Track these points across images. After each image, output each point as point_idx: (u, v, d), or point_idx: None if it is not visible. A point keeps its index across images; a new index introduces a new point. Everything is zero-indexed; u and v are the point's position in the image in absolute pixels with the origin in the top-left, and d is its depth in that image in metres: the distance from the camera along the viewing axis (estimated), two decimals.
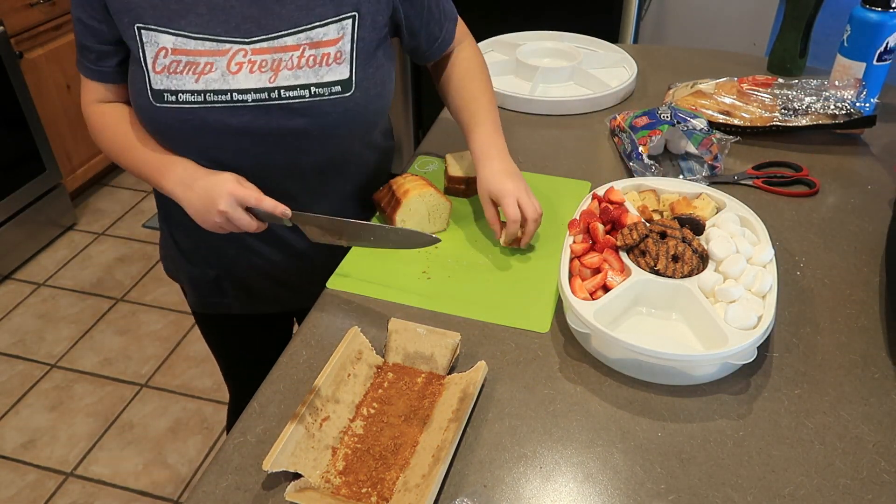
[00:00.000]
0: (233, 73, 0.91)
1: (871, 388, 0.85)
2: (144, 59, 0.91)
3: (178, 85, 0.91)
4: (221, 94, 0.92)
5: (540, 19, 1.87)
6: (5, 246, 2.53)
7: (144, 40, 0.91)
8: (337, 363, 0.84)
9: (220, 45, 0.91)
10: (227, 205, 0.91)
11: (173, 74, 0.91)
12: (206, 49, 0.91)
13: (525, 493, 0.74)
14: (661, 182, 1.08)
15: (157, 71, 0.91)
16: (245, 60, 0.91)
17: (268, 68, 0.92)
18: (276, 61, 0.92)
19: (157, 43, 0.91)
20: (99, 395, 2.13)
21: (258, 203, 0.93)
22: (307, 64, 0.93)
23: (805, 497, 0.73)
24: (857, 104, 1.30)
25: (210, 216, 0.93)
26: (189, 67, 0.91)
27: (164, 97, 0.92)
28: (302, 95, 0.93)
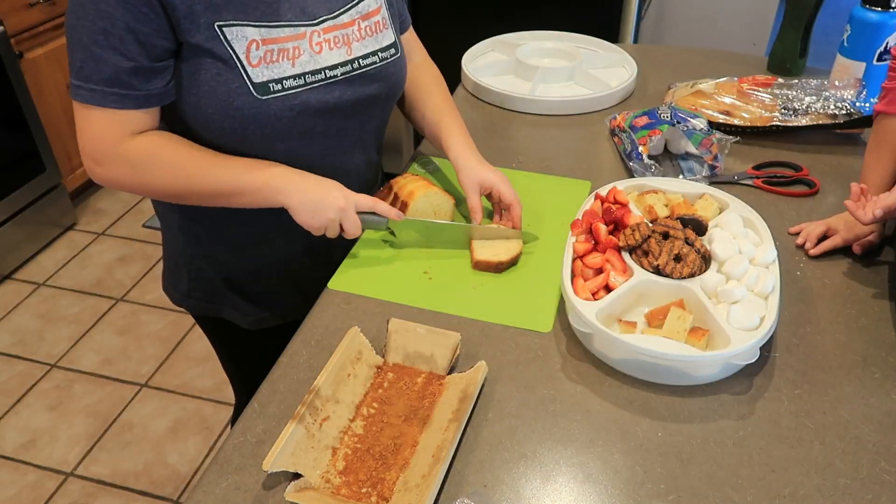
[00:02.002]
0: (317, 52, 0.94)
1: (871, 388, 0.85)
2: (237, 55, 0.88)
3: (279, 73, 0.91)
4: (317, 74, 0.94)
5: (540, 19, 1.87)
6: (5, 246, 2.53)
7: (230, 37, 0.87)
8: (337, 363, 0.84)
9: (296, 30, 0.92)
10: (347, 203, 0.93)
11: (272, 63, 0.90)
12: (287, 35, 0.91)
13: (525, 493, 0.74)
14: (662, 182, 1.08)
15: (253, 64, 0.89)
16: (322, 40, 0.94)
17: (341, 43, 0.96)
18: (345, 36, 0.97)
19: (245, 37, 0.88)
20: (99, 395, 2.13)
21: (374, 206, 0.96)
22: (367, 34, 0.99)
23: (805, 497, 0.73)
24: (857, 104, 1.30)
25: (323, 213, 0.93)
26: (282, 54, 0.91)
27: (270, 88, 0.90)
28: (374, 62, 1.00)
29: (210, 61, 0.88)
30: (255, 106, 0.90)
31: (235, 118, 0.90)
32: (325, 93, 0.95)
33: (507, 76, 1.61)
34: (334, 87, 0.96)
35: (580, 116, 1.46)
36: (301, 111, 0.93)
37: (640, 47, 1.82)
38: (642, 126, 1.27)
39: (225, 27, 0.87)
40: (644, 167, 1.22)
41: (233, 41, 0.88)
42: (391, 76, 1.03)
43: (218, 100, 0.89)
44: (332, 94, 0.96)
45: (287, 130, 0.94)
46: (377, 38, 1.01)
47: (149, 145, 0.90)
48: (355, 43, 0.98)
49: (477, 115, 1.48)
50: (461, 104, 1.52)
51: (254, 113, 0.90)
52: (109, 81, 0.85)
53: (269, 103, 0.90)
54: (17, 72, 2.40)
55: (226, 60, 0.88)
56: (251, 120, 0.91)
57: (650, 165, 1.22)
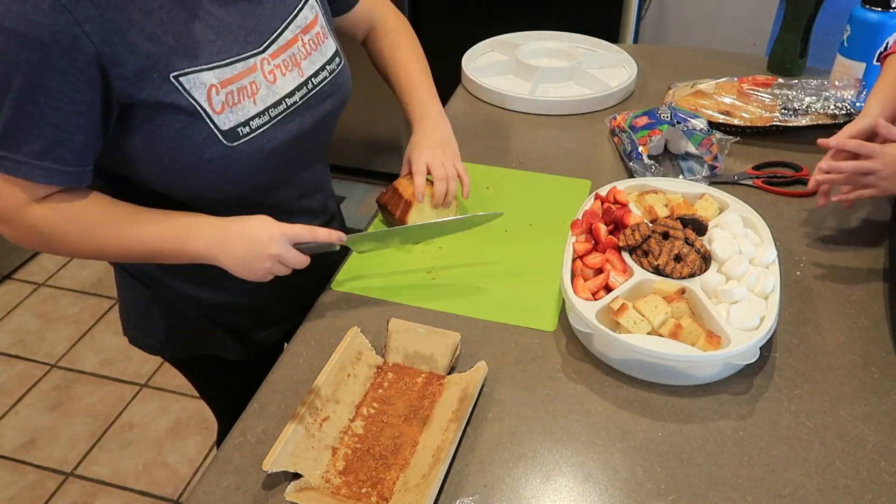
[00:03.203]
0: (271, 82, 0.89)
1: (871, 388, 0.85)
2: (199, 105, 0.81)
3: (244, 114, 0.85)
4: (278, 106, 0.89)
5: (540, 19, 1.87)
6: (5, 246, 2.53)
7: (188, 87, 0.80)
8: (337, 363, 0.84)
9: (247, 63, 0.86)
10: (280, 246, 0.87)
11: (235, 106, 0.85)
12: (240, 71, 0.85)
13: (525, 493, 0.74)
14: (662, 182, 1.08)
15: (217, 111, 0.83)
16: (272, 67, 0.89)
17: (291, 65, 0.91)
18: (293, 57, 0.92)
19: (203, 83, 0.82)
20: (99, 395, 2.13)
21: (313, 235, 0.89)
22: (311, 48, 0.95)
23: (805, 497, 0.73)
24: (857, 104, 1.30)
25: (259, 263, 0.87)
26: (241, 94, 0.85)
27: (238, 132, 0.85)
28: (325, 77, 0.96)
29: (170, 116, 0.81)
30: (226, 154, 0.85)
31: (207, 169, 0.85)
32: (288, 122, 0.91)
33: (507, 76, 1.61)
34: (295, 114, 0.92)
35: (580, 116, 1.46)
36: (270, 150, 0.89)
37: (640, 47, 1.82)
38: (642, 126, 1.27)
39: (181, 77, 0.80)
40: (644, 167, 1.22)
41: (192, 90, 0.81)
42: (342, 86, 1.00)
43: (185, 154, 0.83)
44: (293, 122, 0.92)
45: (257, 170, 0.89)
46: (321, 50, 0.96)
47: (54, 213, 0.82)
48: (303, 62, 0.93)
49: (477, 115, 1.48)
50: (461, 104, 1.52)
51: (225, 161, 0.85)
52: (40, 155, 0.77)
53: (240, 149, 0.85)
54: None
55: (189, 112, 0.81)
56: (223, 168, 0.86)
57: (650, 165, 1.22)
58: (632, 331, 0.85)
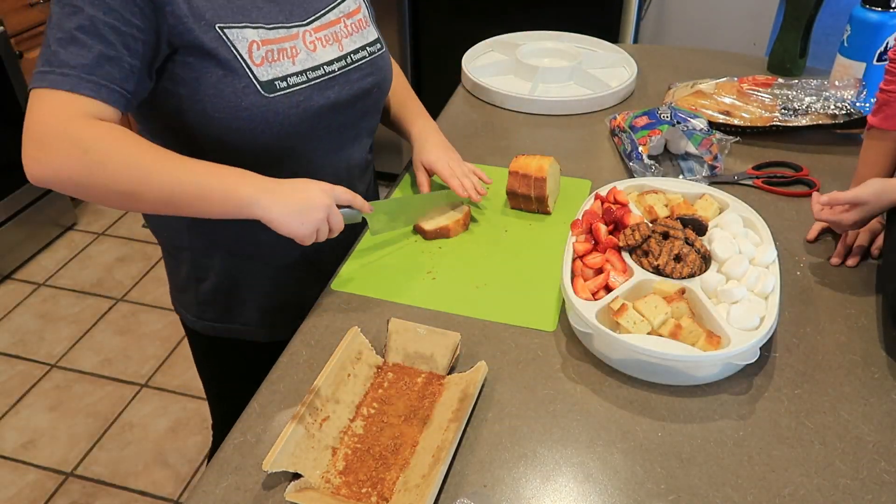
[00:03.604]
0: (311, 51, 0.95)
1: (871, 388, 0.85)
2: (240, 55, 0.88)
3: (283, 71, 0.91)
4: (317, 70, 0.95)
5: (540, 19, 1.87)
6: (5, 246, 2.53)
7: (231, 38, 0.87)
8: (337, 363, 0.84)
9: (290, 31, 0.93)
10: (331, 199, 0.90)
11: (274, 62, 0.91)
12: (282, 36, 0.92)
13: (525, 493, 0.74)
14: (662, 182, 1.08)
15: (257, 63, 0.89)
16: (314, 38, 0.96)
17: (332, 40, 0.98)
18: (334, 34, 0.99)
19: (246, 38, 0.88)
20: (99, 395, 2.13)
21: (353, 199, 0.95)
22: (353, 30, 1.02)
23: (805, 497, 0.73)
24: (857, 104, 1.30)
25: (311, 214, 0.87)
26: (282, 53, 0.92)
27: (276, 85, 0.91)
28: (364, 56, 1.02)
29: (213, 64, 0.87)
30: (263, 104, 0.89)
31: (244, 118, 0.89)
32: (326, 88, 0.96)
33: (507, 76, 1.61)
34: (333, 82, 0.97)
35: (580, 116, 1.46)
36: (306, 108, 0.94)
37: (640, 47, 1.82)
38: (642, 126, 1.27)
39: (226, 29, 0.87)
40: (644, 167, 1.22)
41: (235, 42, 0.88)
42: (381, 69, 1.06)
43: (225, 102, 0.88)
44: (331, 89, 0.97)
45: (293, 129, 0.94)
46: (363, 34, 1.04)
47: (104, 130, 0.79)
48: (345, 39, 1.00)
49: (477, 114, 1.48)
50: (461, 104, 1.52)
51: (262, 112, 0.90)
52: (89, 68, 0.78)
53: (277, 101, 0.90)
54: (17, 72, 2.40)
55: (230, 62, 0.87)
56: (260, 119, 0.90)
57: (650, 165, 1.22)
58: (632, 331, 0.85)
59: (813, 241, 1.09)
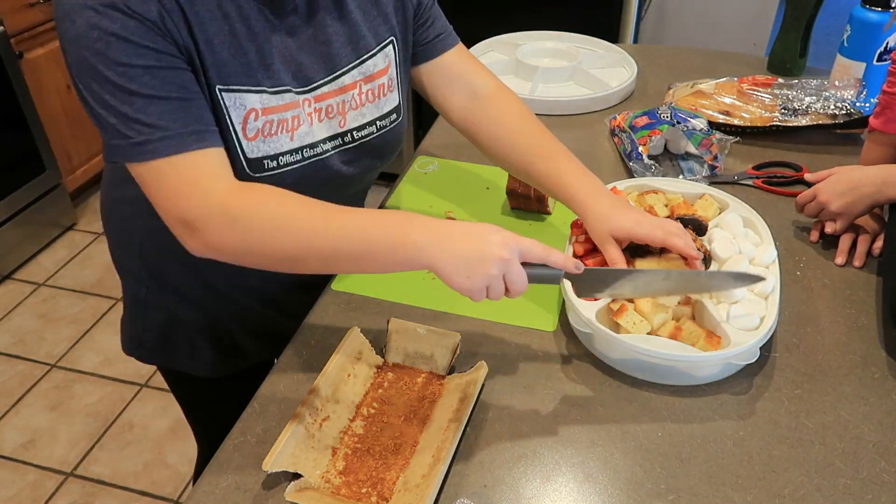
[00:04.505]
0: (310, 124, 0.84)
1: (871, 388, 0.85)
2: (233, 126, 0.78)
3: (277, 147, 0.81)
4: (314, 147, 0.84)
5: (540, 19, 1.87)
6: (5, 246, 2.52)
7: (228, 104, 0.77)
8: (337, 363, 0.84)
9: (296, 97, 0.82)
10: (511, 253, 0.73)
11: (269, 137, 0.80)
12: (286, 103, 0.81)
13: (525, 493, 0.74)
14: (662, 182, 1.08)
15: (249, 137, 0.79)
16: (312, 110, 0.84)
17: (335, 113, 0.86)
18: (340, 104, 0.86)
19: (244, 105, 0.78)
20: (99, 395, 2.13)
21: (547, 254, 0.76)
22: (368, 100, 0.88)
23: (805, 497, 0.73)
24: (857, 104, 1.30)
25: (484, 267, 0.72)
26: (281, 126, 0.81)
27: (265, 165, 0.80)
28: (371, 133, 0.90)
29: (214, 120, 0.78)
30: (246, 179, 0.80)
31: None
32: (320, 168, 0.86)
33: (507, 76, 1.61)
34: (327, 161, 0.87)
35: (580, 116, 1.46)
36: (290, 185, 0.79)
37: (640, 47, 1.82)
38: (642, 126, 1.27)
39: (225, 91, 0.77)
40: (644, 167, 1.22)
41: (230, 109, 0.78)
42: (387, 144, 0.93)
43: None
44: (326, 168, 0.87)
45: None
46: (378, 104, 0.90)
47: (245, 197, 0.74)
48: (351, 112, 0.87)
49: None
50: None
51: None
52: (183, 121, 0.72)
53: (262, 181, 0.80)
54: (17, 72, 2.40)
55: (223, 127, 0.78)
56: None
57: (650, 165, 1.22)
58: (631, 331, 0.85)
59: (816, 241, 1.09)
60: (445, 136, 1.38)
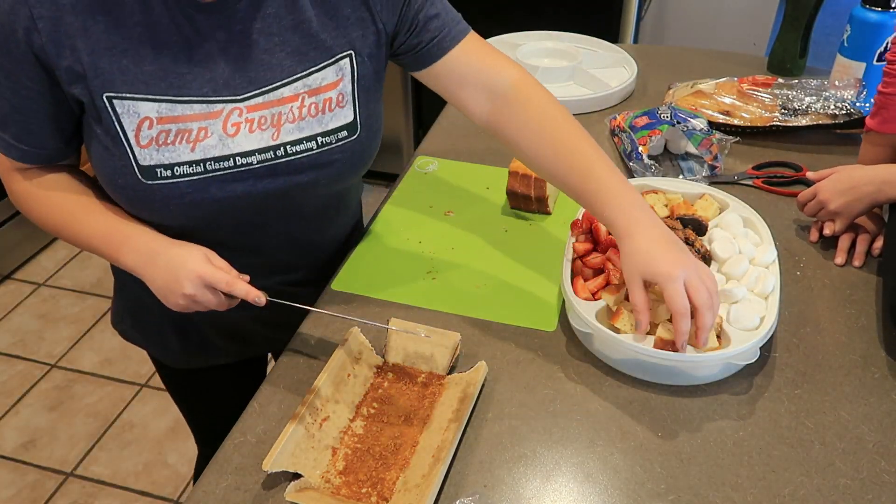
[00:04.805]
0: (231, 135, 0.81)
1: (871, 388, 0.85)
2: (124, 133, 0.78)
3: (173, 157, 0.79)
4: (223, 161, 0.81)
5: (540, 19, 1.87)
6: (5, 246, 2.53)
7: (119, 111, 0.77)
8: (337, 363, 0.84)
9: (211, 107, 0.79)
10: (194, 287, 0.79)
11: (165, 146, 0.79)
12: (196, 113, 0.79)
13: (525, 493, 0.74)
14: (662, 182, 1.08)
15: (142, 145, 0.78)
16: (242, 120, 0.81)
17: (268, 125, 0.82)
18: (276, 115, 0.82)
19: (138, 113, 0.77)
20: (99, 395, 2.13)
21: (229, 288, 0.80)
22: (309, 113, 0.84)
23: (805, 497, 0.73)
24: (857, 104, 1.30)
25: (173, 297, 0.81)
26: (181, 136, 0.79)
27: (158, 173, 0.79)
28: (309, 148, 0.84)
29: (100, 130, 0.79)
30: (141, 189, 0.80)
31: (121, 196, 0.82)
32: (232, 182, 0.83)
33: None
34: (246, 176, 0.83)
35: (580, 116, 1.45)
36: (195, 200, 0.82)
37: (640, 47, 1.82)
38: (642, 126, 1.27)
39: (116, 99, 0.77)
40: (644, 167, 1.22)
41: (122, 116, 0.77)
42: (334, 163, 0.87)
43: (104, 173, 0.82)
44: (242, 183, 0.83)
45: (181, 216, 0.84)
46: (321, 119, 0.84)
47: (26, 184, 0.86)
48: (287, 125, 0.83)
49: None
50: None
51: (140, 195, 0.81)
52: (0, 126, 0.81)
53: (155, 189, 0.80)
54: None
55: (112, 135, 0.78)
56: (137, 201, 0.82)
57: (650, 165, 1.22)
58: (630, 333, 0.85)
59: (816, 241, 1.09)
60: (445, 136, 1.38)
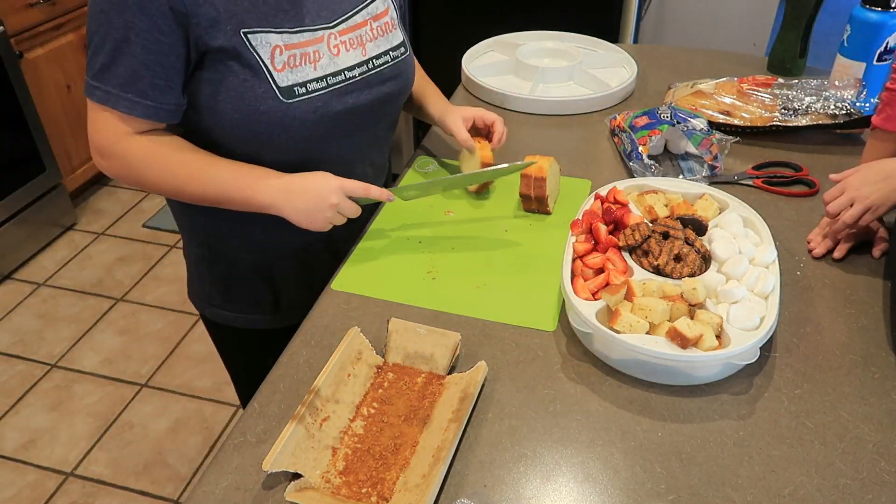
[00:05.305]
0: (335, 55, 0.96)
1: (871, 388, 0.85)
2: (262, 61, 0.90)
3: (303, 76, 0.93)
4: (338, 76, 0.97)
5: (540, 19, 1.87)
6: (5, 246, 2.53)
7: (254, 44, 0.90)
8: (337, 363, 0.84)
9: (315, 34, 0.94)
10: (338, 197, 0.95)
11: (295, 68, 0.93)
12: (307, 40, 0.94)
13: (525, 493, 0.74)
14: (662, 182, 1.08)
15: (278, 69, 0.91)
16: (338, 42, 0.97)
17: (356, 44, 0.99)
18: (359, 37, 0.99)
19: (269, 43, 0.90)
20: (99, 395, 2.13)
21: (366, 192, 0.98)
22: (378, 34, 1.02)
23: (805, 497, 0.73)
24: (857, 104, 1.30)
25: (320, 213, 0.95)
26: (304, 58, 0.93)
27: (295, 91, 0.93)
28: (386, 61, 1.03)
29: (237, 67, 0.90)
30: (281, 110, 0.92)
31: (262, 122, 0.92)
32: (345, 94, 0.98)
33: (507, 76, 1.61)
34: (353, 88, 0.99)
35: (580, 116, 1.46)
36: (324, 114, 0.96)
37: (640, 47, 1.82)
38: (642, 126, 1.27)
39: (250, 34, 0.89)
40: (644, 167, 1.22)
41: (258, 47, 0.90)
42: (402, 73, 1.06)
43: (245, 104, 0.91)
44: (352, 95, 0.99)
45: (310, 133, 0.96)
46: (388, 37, 1.04)
47: (145, 147, 0.92)
48: (368, 44, 1.01)
49: None
50: (461, 104, 1.51)
51: (280, 116, 0.92)
52: (124, 86, 0.88)
53: (294, 107, 0.93)
54: (17, 72, 2.40)
55: (252, 66, 0.90)
56: (277, 124, 0.93)
57: (650, 165, 1.22)
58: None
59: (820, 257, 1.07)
60: (445, 136, 1.38)
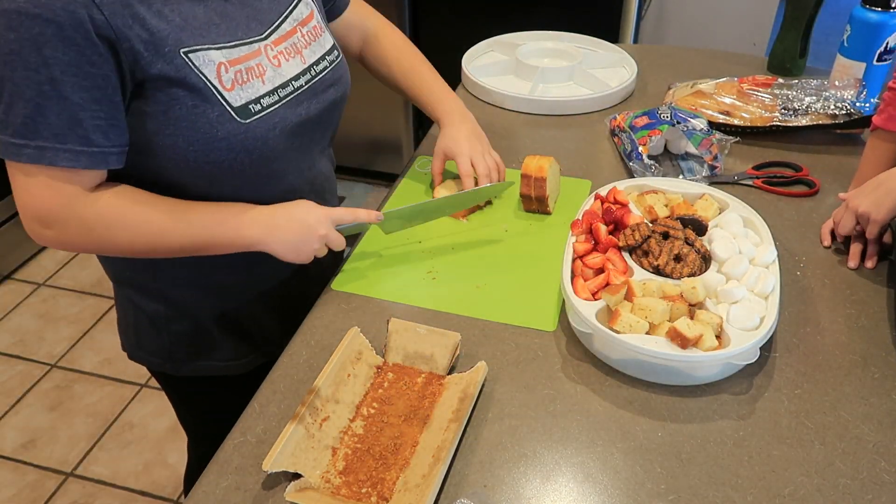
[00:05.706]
0: (276, 66, 0.90)
1: (871, 388, 0.85)
2: (209, 81, 0.81)
3: (254, 92, 0.86)
4: (286, 87, 0.90)
5: (540, 19, 1.87)
6: (5, 246, 2.53)
7: (197, 64, 0.81)
8: (337, 363, 0.84)
9: (251, 47, 0.87)
10: (326, 227, 0.92)
11: (245, 84, 0.85)
12: (245, 54, 0.86)
13: (525, 493, 0.74)
14: (662, 182, 1.08)
15: (228, 88, 0.83)
16: (275, 52, 0.90)
17: (293, 53, 0.93)
18: (294, 45, 0.93)
19: (212, 61, 0.82)
20: (99, 395, 2.13)
21: (354, 216, 0.95)
22: (310, 40, 0.96)
23: (805, 497, 0.73)
24: (857, 104, 1.30)
25: (308, 245, 0.91)
26: (250, 73, 0.86)
27: (250, 109, 0.85)
28: (326, 66, 0.97)
29: (182, 94, 0.80)
30: (241, 132, 0.84)
31: (221, 149, 0.84)
32: (298, 105, 0.92)
33: (507, 76, 1.61)
34: (303, 98, 0.93)
35: (580, 116, 1.46)
36: (283, 129, 0.89)
37: (640, 47, 1.82)
38: (642, 126, 1.27)
39: (191, 53, 0.80)
40: (644, 167, 1.22)
41: (202, 67, 0.81)
42: (342, 77, 1.01)
43: (199, 134, 0.82)
44: (302, 106, 0.93)
45: (271, 153, 0.89)
46: (320, 41, 0.98)
47: (106, 205, 0.82)
48: (304, 50, 0.94)
49: (477, 115, 1.46)
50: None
51: (240, 140, 0.85)
52: (60, 137, 0.75)
53: (253, 126, 0.85)
54: None
55: (199, 90, 0.81)
56: (238, 148, 0.85)
57: (650, 165, 1.22)
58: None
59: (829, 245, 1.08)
60: None
